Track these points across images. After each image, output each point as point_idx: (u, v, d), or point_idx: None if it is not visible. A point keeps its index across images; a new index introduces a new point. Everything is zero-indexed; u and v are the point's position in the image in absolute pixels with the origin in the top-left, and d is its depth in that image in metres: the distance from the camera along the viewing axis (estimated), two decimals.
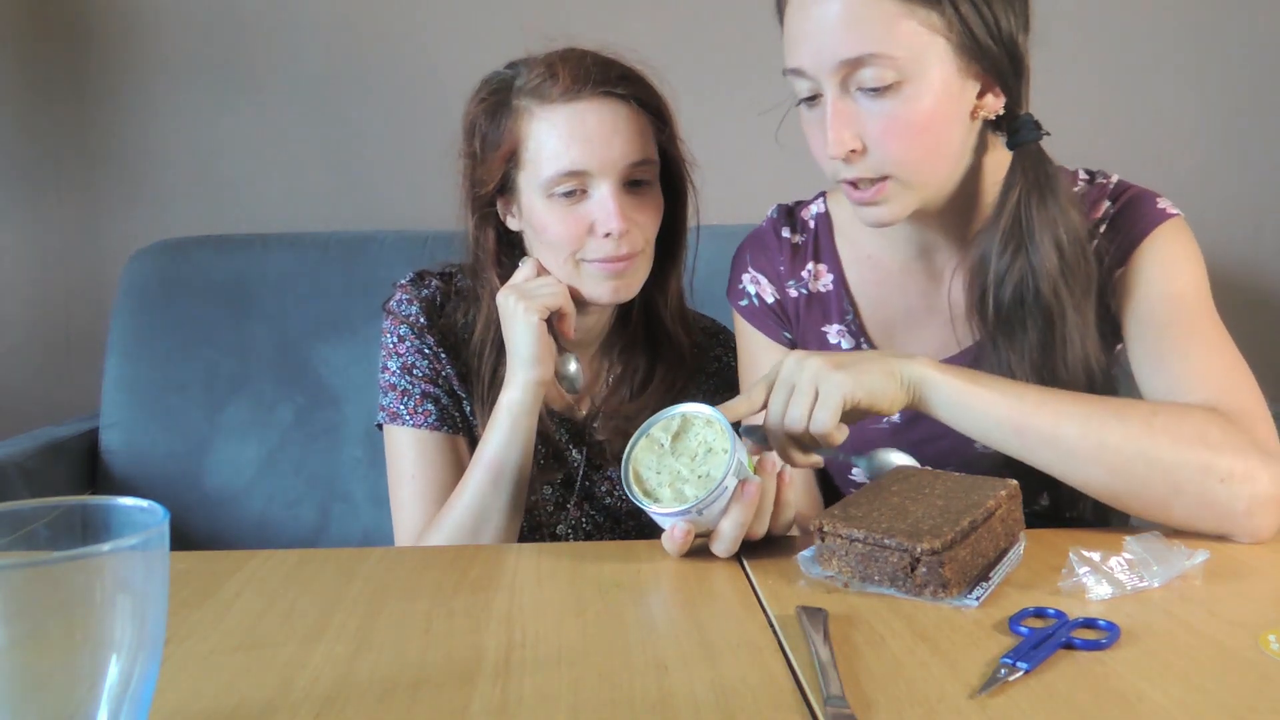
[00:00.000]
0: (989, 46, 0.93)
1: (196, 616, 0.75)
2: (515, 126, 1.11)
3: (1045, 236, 0.96)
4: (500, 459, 1.09)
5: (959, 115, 0.95)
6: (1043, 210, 0.96)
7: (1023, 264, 0.97)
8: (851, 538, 0.78)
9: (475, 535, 1.09)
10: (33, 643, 0.47)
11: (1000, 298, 0.99)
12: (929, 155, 0.95)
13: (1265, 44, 2.08)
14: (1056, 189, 0.97)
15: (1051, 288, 0.97)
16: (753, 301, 1.17)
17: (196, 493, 1.72)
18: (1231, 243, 2.10)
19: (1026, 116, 0.98)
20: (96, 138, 2.01)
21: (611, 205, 1.08)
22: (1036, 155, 0.98)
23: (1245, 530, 0.86)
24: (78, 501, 0.53)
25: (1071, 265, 0.97)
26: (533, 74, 1.11)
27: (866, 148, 0.94)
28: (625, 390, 1.24)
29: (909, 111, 0.92)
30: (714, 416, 0.89)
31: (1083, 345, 0.98)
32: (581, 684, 0.63)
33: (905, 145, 0.94)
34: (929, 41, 0.91)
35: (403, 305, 1.21)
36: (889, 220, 0.99)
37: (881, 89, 0.91)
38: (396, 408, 1.18)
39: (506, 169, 1.14)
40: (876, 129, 0.93)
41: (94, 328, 1.94)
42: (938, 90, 0.92)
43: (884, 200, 0.97)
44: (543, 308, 1.09)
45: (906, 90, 0.92)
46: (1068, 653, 0.66)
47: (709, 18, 2.01)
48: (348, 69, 2.02)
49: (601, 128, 1.08)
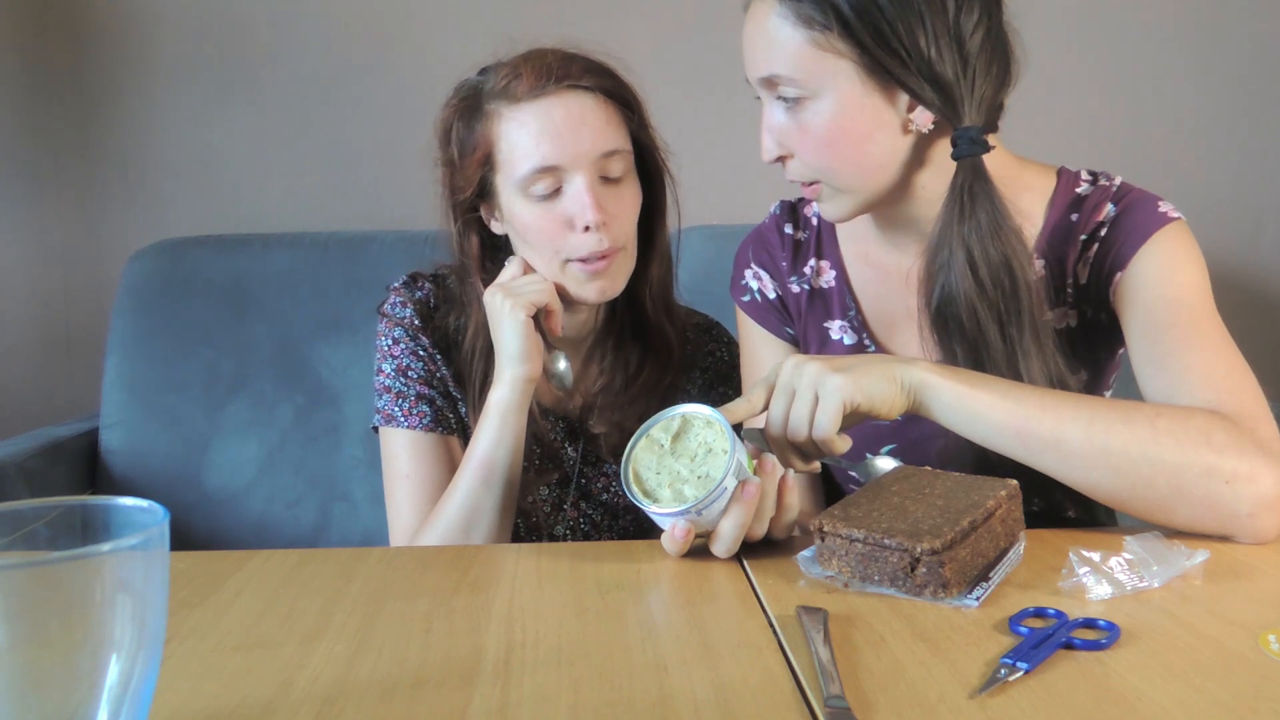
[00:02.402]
0: (898, 70, 0.94)
1: (196, 616, 0.75)
2: (487, 130, 1.13)
3: (958, 254, 0.96)
4: (490, 457, 1.09)
5: (881, 128, 0.97)
6: (959, 226, 0.96)
7: (944, 279, 0.98)
8: (851, 538, 0.78)
9: (467, 535, 1.09)
10: (33, 643, 0.47)
11: (931, 307, 1.00)
12: (846, 165, 0.99)
13: (1265, 44, 2.08)
14: (979, 207, 0.96)
15: (968, 307, 0.96)
16: (755, 297, 1.18)
17: (196, 493, 1.72)
18: (1231, 243, 2.10)
19: (965, 130, 0.96)
20: (96, 138, 2.01)
21: (587, 197, 1.09)
22: (970, 170, 0.96)
23: (1248, 531, 0.86)
24: (78, 501, 0.53)
25: (986, 286, 0.95)
26: (500, 77, 1.13)
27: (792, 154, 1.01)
28: (618, 382, 1.24)
29: (820, 125, 0.97)
30: (714, 417, 0.89)
31: (1009, 362, 0.96)
32: (581, 684, 0.63)
33: (818, 155, 0.99)
34: (835, 64, 0.95)
35: (396, 308, 1.21)
36: (837, 217, 1.05)
37: (795, 100, 0.97)
38: (391, 410, 1.18)
39: (483, 173, 1.15)
40: (795, 138, 1.00)
41: (94, 328, 1.94)
42: (849, 108, 0.96)
43: (821, 199, 1.03)
44: (529, 305, 1.09)
45: (811, 106, 0.97)
46: (1068, 653, 0.66)
47: (704, 19, 2.01)
48: (347, 69, 2.02)
49: (569, 120, 1.09)
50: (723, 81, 1.98)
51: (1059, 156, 1.10)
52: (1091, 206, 1.04)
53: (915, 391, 0.91)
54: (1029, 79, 1.04)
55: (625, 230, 1.13)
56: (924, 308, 1.01)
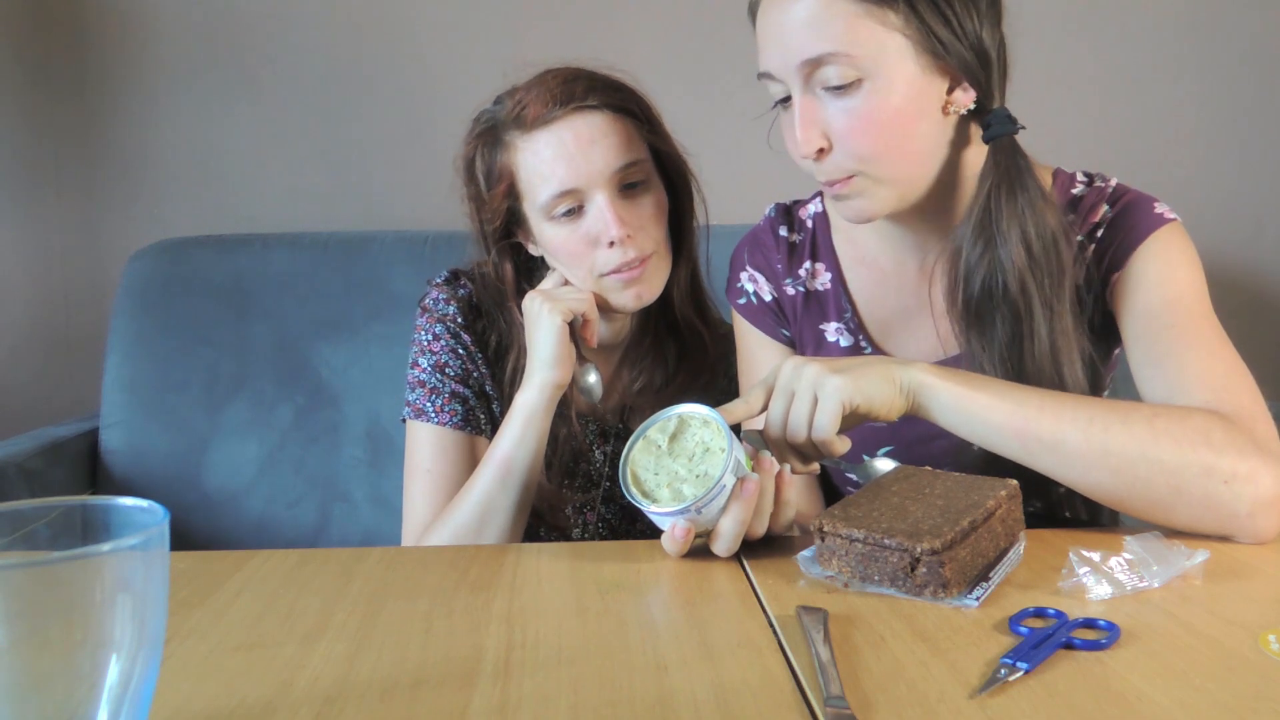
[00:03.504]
0: (951, 43, 0.94)
1: (196, 616, 0.75)
2: (506, 161, 1.15)
3: (1013, 230, 0.96)
4: (510, 458, 1.10)
5: (927, 111, 0.96)
6: (1011, 204, 0.96)
7: (991, 257, 0.97)
8: (851, 538, 0.78)
9: (479, 533, 1.09)
10: (33, 643, 0.47)
11: (970, 291, 0.99)
12: (895, 150, 0.96)
13: (1265, 44, 2.08)
14: (1027, 183, 0.97)
15: (1019, 282, 0.97)
16: (751, 300, 1.18)
17: (196, 493, 1.72)
18: (1231, 243, 2.10)
19: (1000, 110, 0.98)
20: (96, 137, 2.01)
21: (609, 214, 1.11)
22: (1009, 148, 0.98)
23: (1247, 532, 0.86)
24: (78, 501, 0.53)
25: (1039, 260, 0.97)
26: (510, 107, 1.15)
27: (833, 146, 0.96)
28: (658, 380, 1.26)
29: (871, 108, 0.94)
30: (710, 416, 0.89)
31: (1050, 339, 0.97)
32: (581, 684, 0.63)
33: (870, 141, 0.95)
34: (888, 40, 0.93)
35: (439, 304, 1.22)
36: (868, 215, 1.00)
37: (844, 86, 0.93)
38: (423, 404, 1.19)
39: (509, 203, 1.17)
40: (841, 126, 0.95)
41: (94, 328, 1.94)
42: (900, 87, 0.94)
43: (855, 194, 0.98)
44: (567, 310, 1.11)
45: (868, 86, 0.93)
46: (1068, 653, 0.66)
47: (706, 21, 2.01)
48: (347, 69, 2.02)
49: (579, 142, 1.11)
50: (724, 80, 1.99)
51: (1059, 156, 1.10)
52: (1088, 208, 1.04)
53: (914, 393, 0.91)
54: (1029, 79, 1.05)
55: (653, 236, 1.15)
56: (954, 295, 1.00)
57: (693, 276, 1.26)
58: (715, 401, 0.89)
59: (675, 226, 1.21)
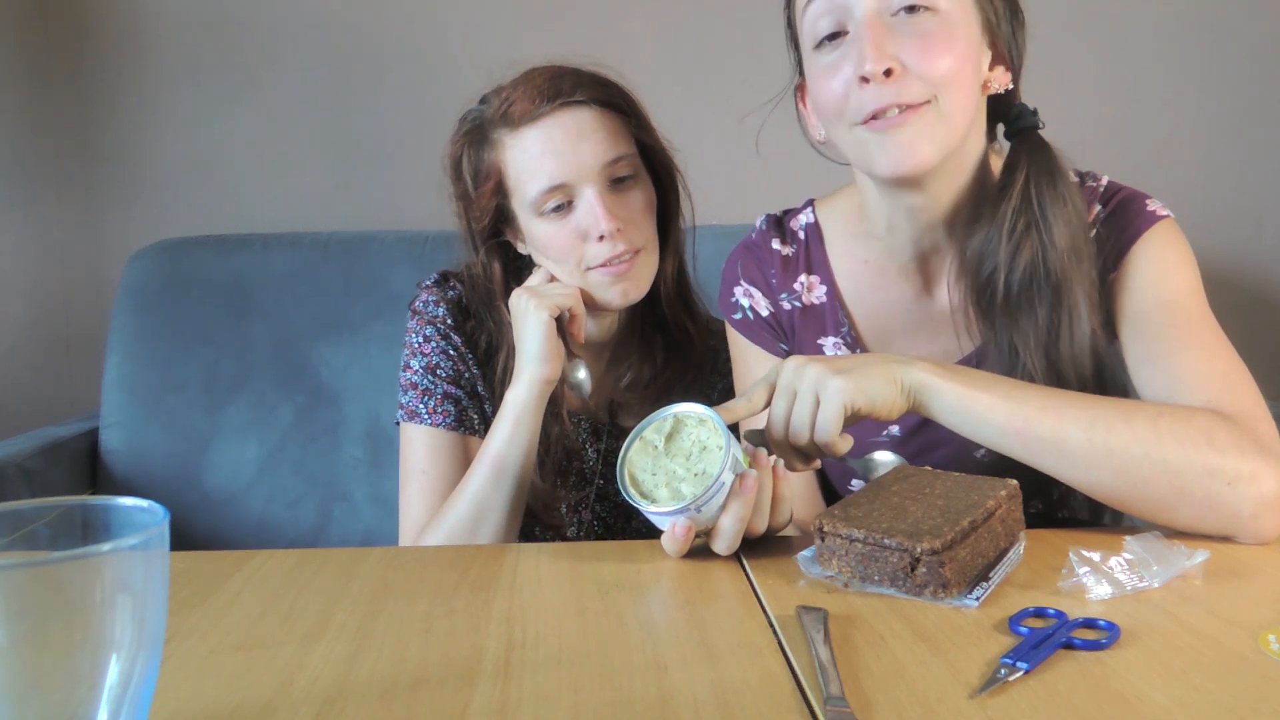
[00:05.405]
0: (1001, 22, 0.98)
1: (196, 616, 0.75)
2: (494, 159, 1.16)
3: (1058, 216, 0.98)
4: (503, 456, 1.10)
5: (980, 71, 0.98)
6: (1053, 189, 0.98)
7: (1034, 242, 0.98)
8: (851, 538, 0.78)
9: (474, 532, 1.09)
10: (33, 643, 0.47)
11: (1010, 280, 0.99)
12: (964, 81, 0.96)
13: (1265, 44, 2.08)
14: (1065, 171, 1.00)
15: (1061, 263, 0.98)
16: (747, 315, 1.16)
17: (196, 493, 1.72)
18: (1231, 243, 2.10)
19: (1024, 105, 1.01)
20: (96, 137, 2.01)
21: (598, 208, 1.11)
22: (1040, 141, 1.00)
23: (1250, 532, 0.86)
24: (78, 501, 0.53)
25: (1081, 246, 0.99)
26: (497, 106, 1.15)
27: (905, 69, 0.93)
28: (646, 375, 1.26)
29: (947, 31, 0.95)
30: (706, 415, 0.89)
31: (1088, 318, 0.98)
32: (581, 684, 0.63)
33: (947, 61, 0.94)
34: None
35: (429, 306, 1.23)
36: (920, 156, 0.94)
37: (921, 8, 0.93)
38: (416, 406, 1.20)
39: (498, 201, 1.18)
40: (916, 47, 0.93)
41: (94, 328, 1.94)
42: (964, 34, 0.96)
43: (919, 127, 0.93)
44: (554, 306, 1.11)
45: (943, 15, 0.94)
46: (1068, 653, 0.66)
47: (701, 21, 2.01)
48: (347, 69, 2.02)
49: (567, 138, 1.11)
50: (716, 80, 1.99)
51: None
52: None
53: (915, 392, 0.91)
54: (1029, 78, 1.05)
55: (641, 231, 1.15)
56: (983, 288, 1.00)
57: (679, 272, 1.26)
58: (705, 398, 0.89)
59: (662, 222, 1.21)
